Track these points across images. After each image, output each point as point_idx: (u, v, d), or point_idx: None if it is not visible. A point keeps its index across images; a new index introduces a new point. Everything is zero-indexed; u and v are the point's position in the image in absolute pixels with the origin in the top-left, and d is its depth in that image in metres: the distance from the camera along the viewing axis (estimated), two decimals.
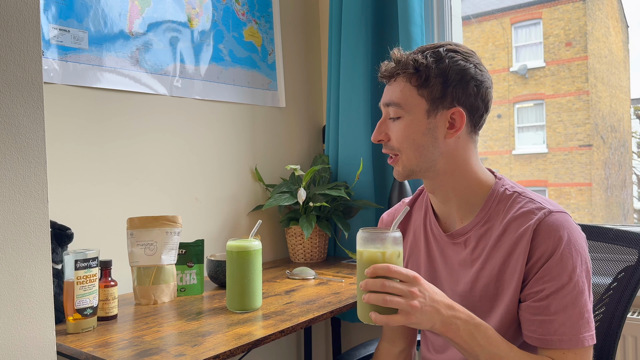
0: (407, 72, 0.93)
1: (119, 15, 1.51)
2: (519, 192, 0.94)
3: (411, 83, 0.93)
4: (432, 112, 0.93)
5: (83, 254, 1.12)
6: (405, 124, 0.94)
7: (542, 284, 0.86)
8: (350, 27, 1.89)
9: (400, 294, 0.79)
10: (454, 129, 0.93)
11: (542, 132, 9.01)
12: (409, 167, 0.96)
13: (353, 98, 1.89)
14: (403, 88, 0.94)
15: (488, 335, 0.84)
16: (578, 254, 0.87)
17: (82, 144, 1.43)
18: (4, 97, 0.81)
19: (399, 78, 0.94)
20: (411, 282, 0.80)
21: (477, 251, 0.95)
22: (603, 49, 8.86)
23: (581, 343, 0.84)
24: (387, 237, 0.84)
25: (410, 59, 0.93)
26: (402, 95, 0.93)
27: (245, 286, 1.22)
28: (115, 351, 0.98)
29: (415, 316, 0.79)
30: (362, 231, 0.86)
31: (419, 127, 0.93)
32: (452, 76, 0.91)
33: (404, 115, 0.94)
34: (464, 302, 0.96)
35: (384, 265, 0.81)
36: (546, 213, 0.89)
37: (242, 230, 1.87)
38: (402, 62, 0.94)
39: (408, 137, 0.93)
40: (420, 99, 0.93)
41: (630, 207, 8.36)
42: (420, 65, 0.92)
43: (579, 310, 0.85)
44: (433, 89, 0.92)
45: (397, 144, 0.95)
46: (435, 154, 0.94)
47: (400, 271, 0.81)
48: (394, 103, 0.94)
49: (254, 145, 1.93)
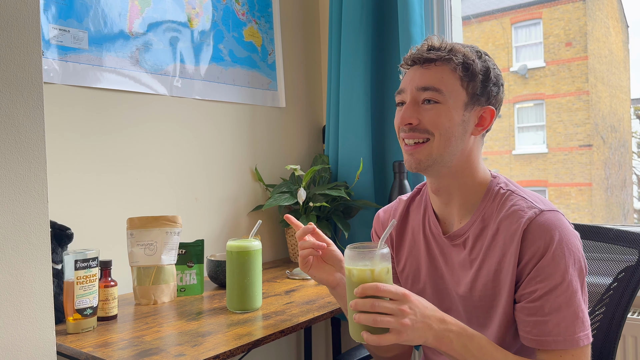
0: (454, 60, 0.92)
1: (119, 15, 1.51)
2: (512, 190, 0.94)
3: (456, 72, 0.92)
4: (469, 106, 0.93)
5: (83, 254, 1.12)
6: (444, 110, 0.92)
7: (535, 285, 0.86)
8: (350, 27, 1.89)
9: (391, 313, 0.78)
10: (481, 127, 0.95)
11: (542, 132, 9.01)
12: (434, 155, 0.93)
13: (353, 98, 1.89)
14: (447, 75, 0.92)
15: (481, 345, 0.84)
16: (571, 253, 0.86)
17: (82, 144, 1.43)
18: (4, 97, 0.81)
19: (443, 65, 0.92)
20: (401, 299, 0.79)
21: (474, 252, 0.95)
22: (603, 49, 8.86)
23: (577, 343, 0.84)
24: (374, 254, 0.82)
25: (459, 49, 0.93)
26: (445, 81, 0.92)
27: (245, 286, 1.22)
28: (115, 351, 0.98)
29: (407, 334, 0.78)
30: (349, 249, 0.84)
31: (455, 116, 0.92)
32: (492, 77, 0.94)
33: (442, 101, 0.92)
34: (465, 303, 0.96)
35: (372, 284, 0.80)
36: (537, 212, 0.88)
37: (242, 230, 1.87)
38: (452, 50, 0.92)
39: (444, 123, 0.91)
40: (461, 90, 0.92)
41: (630, 207, 8.37)
42: (469, 57, 0.92)
43: (574, 310, 0.84)
44: (476, 84, 0.93)
45: (431, 127, 0.92)
46: (459, 148, 0.94)
47: (389, 289, 0.79)
48: (434, 88, 0.92)
49: (254, 145, 1.93)
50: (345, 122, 1.93)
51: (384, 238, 0.86)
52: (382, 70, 1.92)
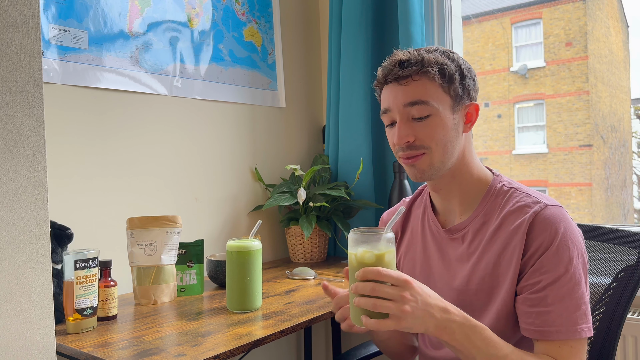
0: (430, 71, 0.92)
1: (119, 15, 1.51)
2: (515, 187, 0.96)
3: (435, 81, 0.93)
4: (456, 108, 0.95)
5: (83, 254, 1.12)
6: (436, 121, 0.92)
7: (538, 276, 0.87)
8: (350, 27, 1.89)
9: (391, 298, 0.77)
10: (470, 123, 0.97)
11: (542, 132, 9.01)
12: (436, 164, 0.94)
13: (353, 98, 1.89)
14: (428, 86, 0.93)
15: (484, 336, 0.83)
16: (574, 246, 0.87)
17: (82, 143, 1.43)
18: (4, 97, 0.81)
19: (420, 77, 0.93)
20: (402, 285, 0.78)
21: (473, 245, 0.96)
22: (603, 49, 8.86)
23: (578, 334, 0.84)
24: (378, 238, 0.81)
25: (430, 57, 0.93)
26: (429, 93, 0.92)
27: (245, 286, 1.22)
28: (115, 351, 0.98)
29: (407, 321, 0.77)
30: (353, 232, 0.83)
31: (447, 123, 0.93)
32: (465, 73, 0.96)
33: (433, 113, 0.92)
34: (461, 296, 0.96)
35: (374, 268, 0.79)
36: (542, 206, 0.90)
37: (242, 230, 1.87)
38: (424, 61, 0.93)
39: (438, 134, 0.93)
40: (445, 95, 0.93)
41: (630, 207, 8.37)
42: (441, 63, 0.93)
43: (576, 302, 0.85)
44: (455, 85, 0.94)
45: (428, 142, 0.93)
46: (456, 150, 0.95)
47: (390, 274, 0.78)
48: (421, 101, 0.92)
49: (254, 145, 1.93)
50: (345, 122, 1.93)
51: (391, 224, 0.85)
52: None
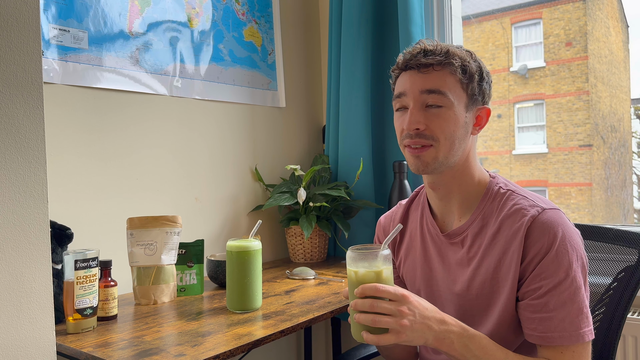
0: (453, 63, 0.92)
1: (119, 15, 1.51)
2: (512, 189, 0.95)
3: (456, 75, 0.92)
4: (469, 107, 0.94)
5: (83, 254, 1.12)
6: (449, 114, 0.92)
7: (539, 282, 0.87)
8: (350, 27, 1.89)
9: (390, 313, 0.80)
10: (479, 126, 0.97)
11: (542, 132, 9.01)
12: (440, 159, 0.93)
13: (353, 98, 1.89)
14: (448, 78, 0.92)
15: (483, 345, 0.84)
16: (574, 250, 0.87)
17: (82, 144, 1.43)
18: (4, 97, 0.81)
19: (442, 69, 0.92)
20: (400, 300, 0.81)
21: (473, 250, 0.96)
22: (603, 49, 8.86)
23: (582, 338, 0.84)
24: (375, 255, 0.85)
25: (455, 51, 0.93)
26: (448, 85, 0.92)
27: (245, 286, 1.22)
28: (115, 351, 0.98)
29: (406, 334, 0.80)
30: (351, 250, 0.86)
31: (459, 119, 0.93)
32: (484, 75, 0.96)
33: (448, 105, 0.92)
34: (461, 301, 0.96)
35: (372, 285, 0.82)
36: (539, 210, 0.89)
37: (242, 230, 1.87)
38: (449, 53, 0.93)
39: (449, 128, 0.92)
40: (462, 92, 0.93)
41: (630, 207, 8.36)
42: (465, 59, 0.93)
43: (578, 306, 0.85)
44: (474, 84, 0.94)
45: (437, 133, 0.92)
46: (462, 149, 0.95)
47: (388, 290, 0.81)
48: (439, 91, 0.91)
49: (254, 145, 1.93)
50: (345, 122, 1.93)
51: (387, 241, 0.87)
52: (382, 70, 1.92)
